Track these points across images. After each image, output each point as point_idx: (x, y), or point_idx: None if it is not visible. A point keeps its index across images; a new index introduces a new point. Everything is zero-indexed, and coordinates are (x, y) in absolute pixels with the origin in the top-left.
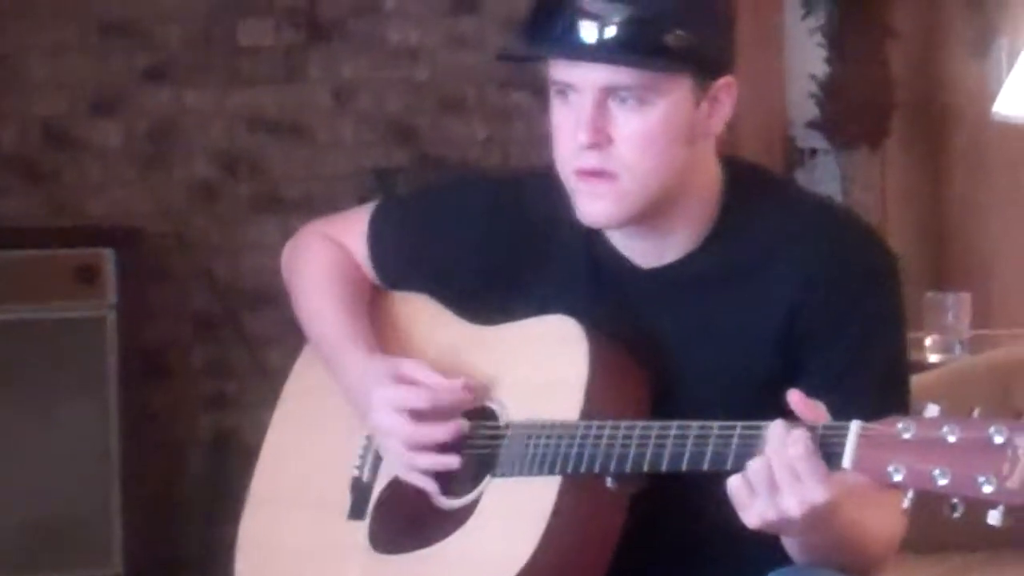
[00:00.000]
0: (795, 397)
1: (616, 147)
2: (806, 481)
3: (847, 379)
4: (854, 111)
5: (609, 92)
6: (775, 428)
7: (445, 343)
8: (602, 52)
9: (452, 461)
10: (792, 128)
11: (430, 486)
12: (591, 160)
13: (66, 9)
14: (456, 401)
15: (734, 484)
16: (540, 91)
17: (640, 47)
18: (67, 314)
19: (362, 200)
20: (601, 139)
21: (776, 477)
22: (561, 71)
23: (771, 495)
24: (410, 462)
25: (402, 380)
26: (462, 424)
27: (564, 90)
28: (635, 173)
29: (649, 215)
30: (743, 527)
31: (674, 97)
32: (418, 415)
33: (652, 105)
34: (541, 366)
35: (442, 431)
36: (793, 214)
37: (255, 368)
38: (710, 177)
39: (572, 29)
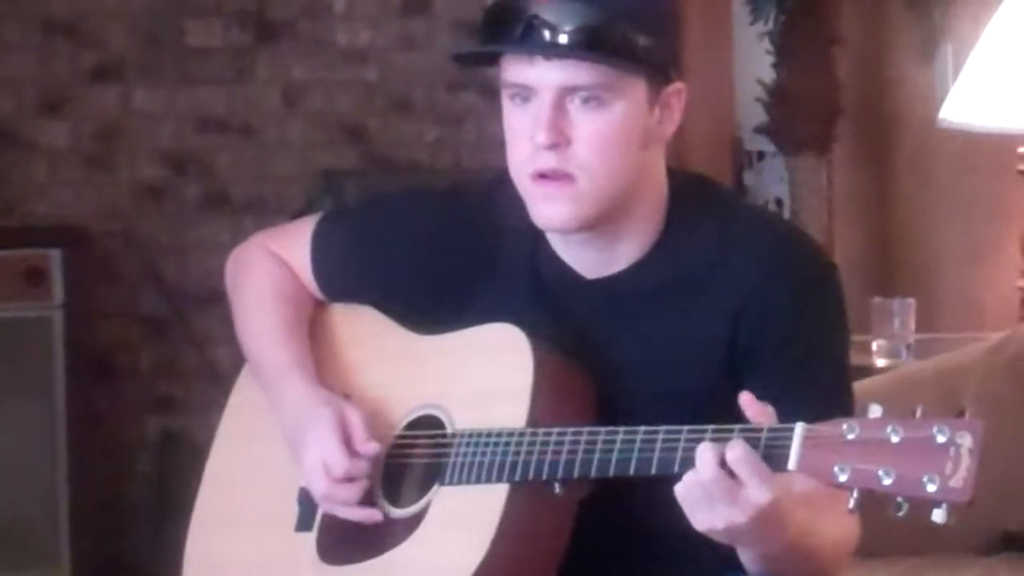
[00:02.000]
0: (745, 398)
1: (574, 148)
2: (748, 483)
3: (791, 390)
4: (801, 116)
5: (567, 93)
6: (701, 448)
7: (389, 354)
8: (562, 50)
9: (364, 515)
10: (740, 132)
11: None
12: (549, 161)
13: (8, 8)
14: (365, 470)
15: (678, 490)
16: (490, 93)
17: (598, 46)
18: (14, 314)
19: (311, 201)
20: (560, 140)
21: (713, 489)
22: (518, 73)
23: (711, 504)
24: (326, 509)
25: (340, 428)
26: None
27: (520, 93)
28: (592, 175)
29: (603, 221)
30: (693, 532)
31: (630, 99)
32: (334, 474)
33: (609, 106)
34: (486, 375)
35: (348, 492)
36: (737, 227)
37: (203, 369)
38: (658, 186)
39: (531, 29)
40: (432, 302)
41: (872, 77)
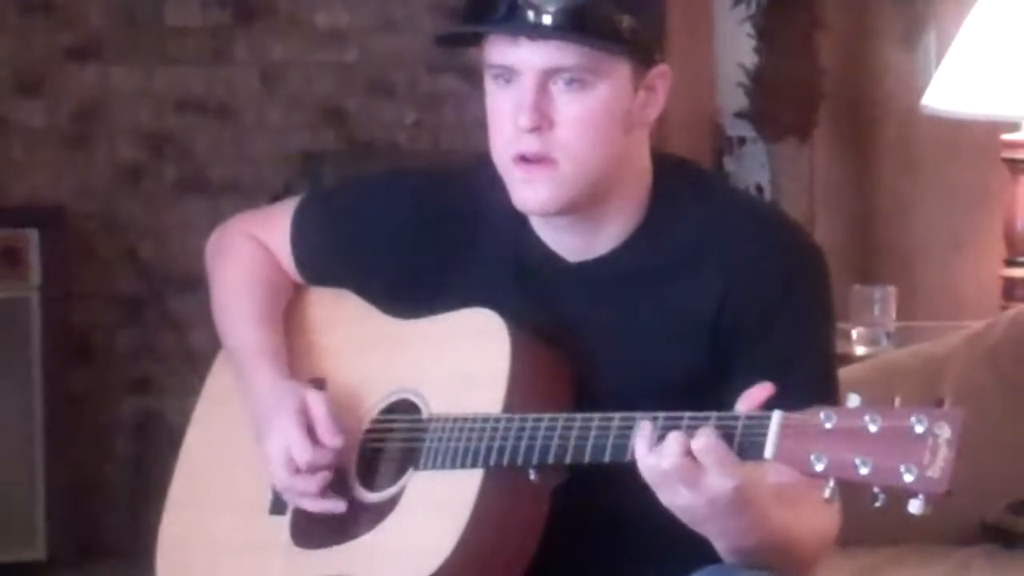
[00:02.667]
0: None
1: (556, 131)
2: (710, 470)
3: (774, 375)
4: (783, 101)
5: (550, 75)
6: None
7: (366, 337)
8: (546, 30)
9: (325, 506)
10: (721, 117)
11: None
12: (532, 145)
13: None
14: (329, 461)
15: (642, 469)
16: (470, 76)
17: (583, 27)
18: None
19: (289, 183)
20: (542, 123)
21: (676, 475)
22: (501, 54)
23: (672, 485)
24: (290, 500)
25: (303, 416)
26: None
27: (503, 74)
28: (575, 158)
29: (584, 204)
30: (669, 522)
31: (614, 81)
32: (296, 464)
33: (593, 88)
34: (463, 360)
35: (309, 484)
36: (722, 210)
37: (180, 351)
38: (642, 170)
39: (515, 9)
40: (412, 285)
41: (855, 63)
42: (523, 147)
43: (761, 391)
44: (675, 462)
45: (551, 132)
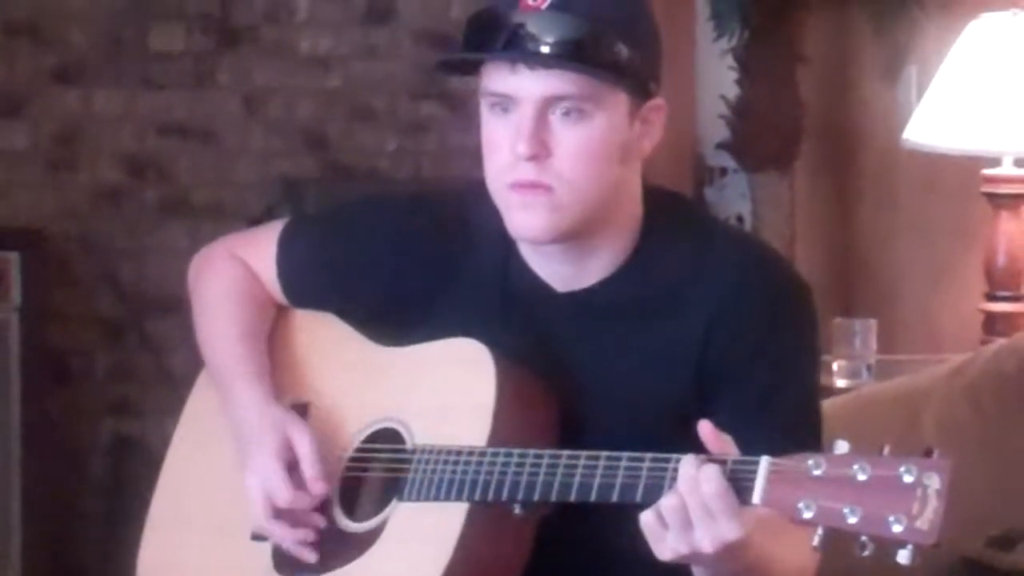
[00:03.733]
0: (705, 429)
1: (554, 160)
2: (719, 518)
3: (759, 414)
4: (764, 133)
5: (549, 104)
6: (687, 465)
7: (350, 364)
8: (546, 59)
9: (304, 554)
10: (702, 147)
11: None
12: (528, 173)
13: None
14: (309, 507)
15: (647, 519)
16: (452, 103)
17: (582, 58)
18: None
19: (270, 207)
20: (540, 151)
21: (690, 515)
22: (500, 82)
23: (684, 531)
24: (271, 537)
25: (286, 454)
26: (315, 520)
27: (501, 103)
28: (571, 187)
29: (577, 234)
30: (650, 556)
31: (612, 112)
32: (275, 506)
33: (591, 118)
34: (448, 390)
35: (287, 533)
36: (711, 245)
37: (159, 374)
38: (634, 201)
39: (515, 38)
40: (398, 310)
41: (836, 96)
42: (520, 176)
43: (720, 442)
44: (696, 494)
45: (548, 161)
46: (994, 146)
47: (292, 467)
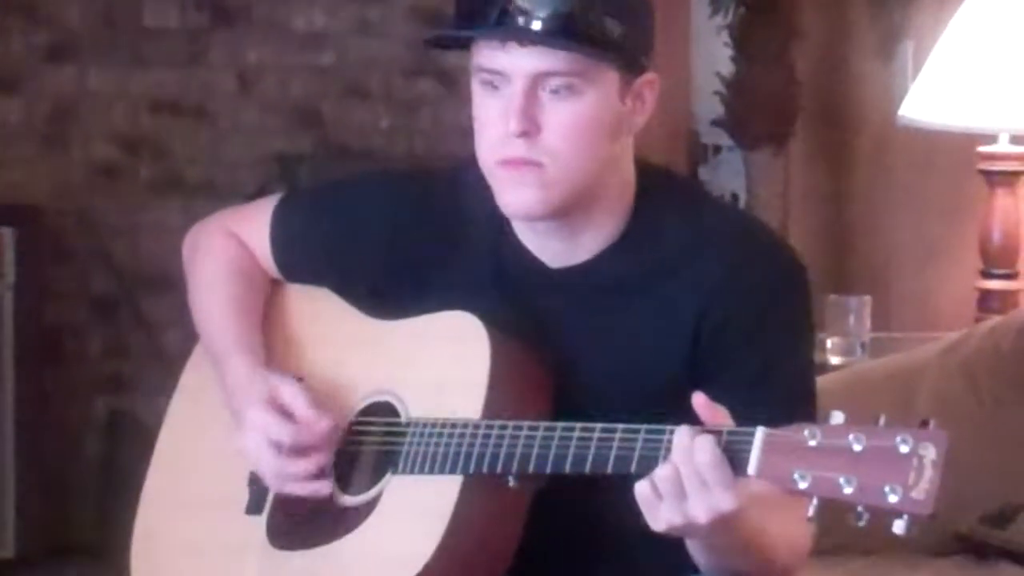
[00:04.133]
0: (699, 400)
1: (544, 136)
2: (713, 488)
3: (754, 390)
4: (759, 110)
5: (539, 80)
6: (681, 435)
7: (344, 338)
8: (536, 35)
9: (323, 488)
10: (697, 124)
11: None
12: (519, 149)
13: None
14: (319, 441)
15: (641, 490)
16: (447, 81)
17: (573, 33)
18: None
19: (264, 185)
20: (530, 128)
21: (684, 484)
22: (490, 59)
23: (679, 501)
24: (279, 487)
25: (275, 406)
26: (326, 456)
27: (492, 79)
28: (561, 163)
29: (568, 210)
30: (646, 528)
31: (602, 88)
32: (282, 446)
33: (582, 94)
34: (442, 363)
35: (303, 466)
36: (704, 221)
37: (152, 351)
38: (626, 178)
39: (505, 14)
40: (392, 285)
41: (832, 73)
42: (510, 152)
43: (715, 413)
44: (690, 463)
45: (539, 137)
46: (990, 123)
47: (285, 414)
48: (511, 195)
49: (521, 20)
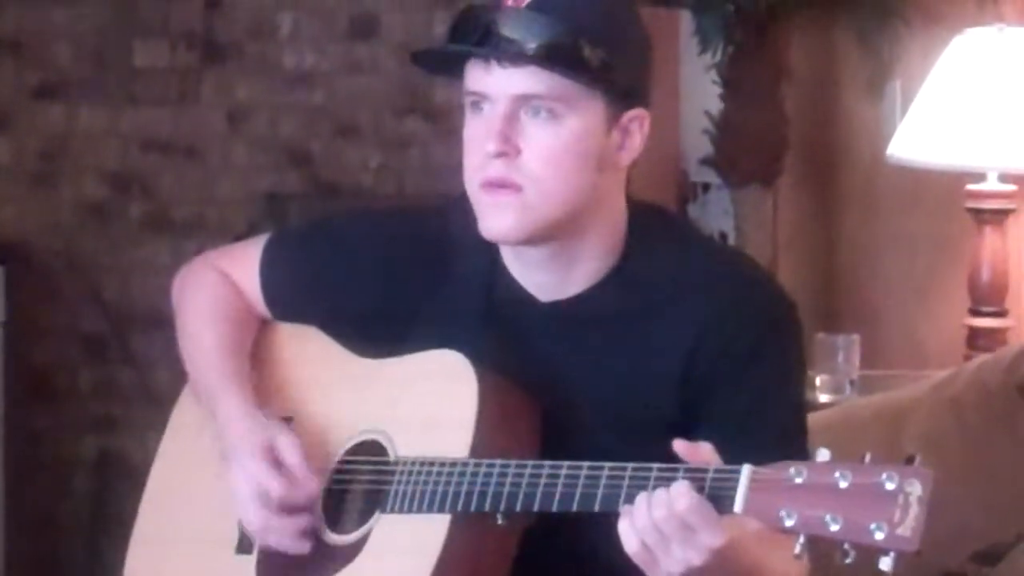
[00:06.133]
0: (680, 447)
1: (523, 159)
2: (700, 531)
3: (744, 427)
4: (747, 149)
5: (522, 103)
6: (660, 492)
7: (333, 376)
8: (515, 56)
9: (302, 547)
10: (685, 163)
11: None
12: (498, 170)
13: None
14: (306, 501)
15: (633, 551)
16: (436, 119)
17: (555, 57)
18: None
19: (253, 224)
20: (509, 149)
21: (669, 535)
22: (475, 79)
23: (669, 553)
24: (263, 539)
25: (269, 454)
26: (312, 518)
27: (477, 101)
28: (540, 187)
29: (551, 238)
30: (634, 565)
31: (585, 116)
32: (269, 499)
33: (563, 120)
34: (430, 402)
35: (288, 525)
36: (697, 259)
37: (142, 390)
38: (616, 213)
39: (488, 35)
40: (381, 321)
41: (820, 111)
42: (490, 173)
43: (698, 455)
44: (664, 513)
45: (518, 159)
46: (978, 161)
47: (279, 467)
48: (490, 219)
49: (503, 43)
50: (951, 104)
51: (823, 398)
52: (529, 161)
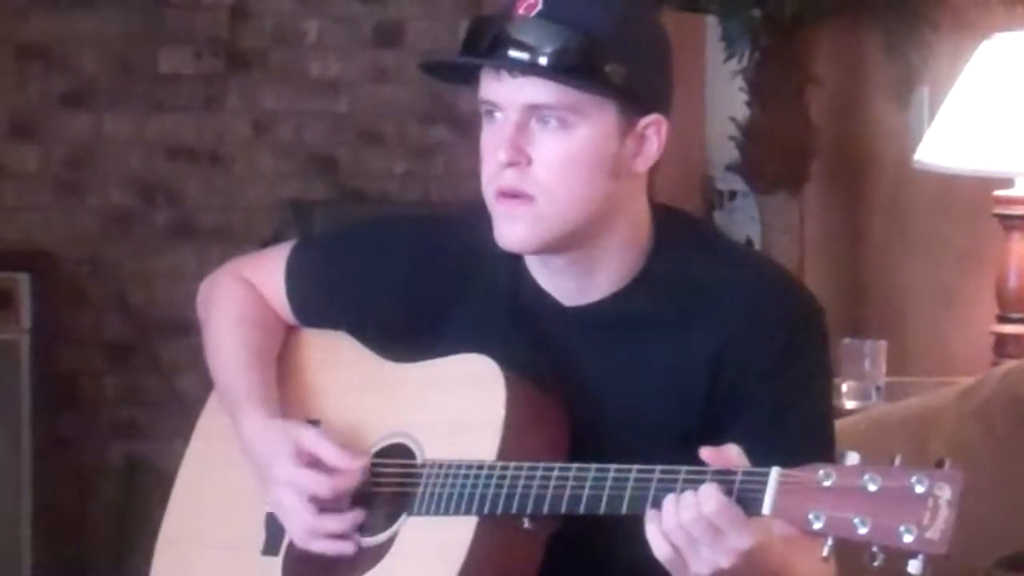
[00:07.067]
0: (706, 455)
1: (535, 168)
2: (728, 533)
3: (771, 431)
4: (774, 155)
5: (533, 112)
6: (687, 494)
7: (360, 381)
8: (523, 66)
9: (347, 548)
10: (712, 170)
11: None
12: (509, 179)
13: None
14: (356, 481)
15: (663, 554)
16: (460, 127)
17: (563, 67)
18: None
19: (278, 231)
20: (520, 158)
21: (698, 537)
22: (488, 89)
23: (698, 555)
24: (306, 543)
25: (303, 456)
26: (359, 514)
27: (491, 110)
28: (552, 197)
29: (569, 246)
30: (661, 569)
31: (597, 125)
32: (318, 499)
33: (573, 129)
34: (458, 405)
35: (338, 523)
36: (724, 264)
37: (168, 396)
38: (639, 219)
39: (498, 44)
40: (408, 327)
41: (847, 117)
42: (503, 182)
43: (724, 460)
44: (691, 515)
45: (529, 168)
46: (1006, 167)
47: (315, 465)
48: (504, 229)
49: (513, 51)
50: (979, 109)
51: (849, 404)
52: (540, 170)
